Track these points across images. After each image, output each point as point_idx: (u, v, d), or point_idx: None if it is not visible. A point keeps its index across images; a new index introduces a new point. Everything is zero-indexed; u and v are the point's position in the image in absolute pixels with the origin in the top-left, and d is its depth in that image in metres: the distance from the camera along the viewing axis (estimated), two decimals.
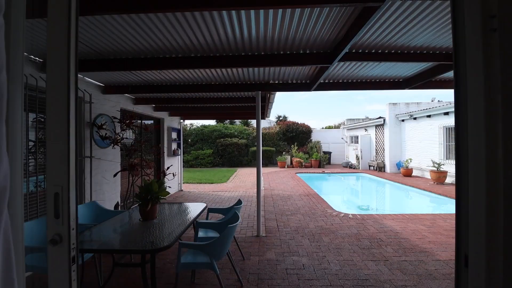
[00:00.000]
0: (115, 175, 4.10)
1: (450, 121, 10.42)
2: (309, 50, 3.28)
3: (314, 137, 20.94)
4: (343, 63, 3.77)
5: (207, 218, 3.76)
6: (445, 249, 3.94)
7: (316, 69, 4.02)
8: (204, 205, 3.72)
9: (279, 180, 11.59)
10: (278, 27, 2.71)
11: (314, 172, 14.74)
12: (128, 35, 2.82)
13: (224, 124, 23.00)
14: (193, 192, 8.75)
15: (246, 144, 19.37)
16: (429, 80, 4.66)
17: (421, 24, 2.75)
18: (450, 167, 10.29)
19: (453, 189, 8.72)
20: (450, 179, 10.23)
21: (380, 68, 4.20)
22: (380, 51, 3.33)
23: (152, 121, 7.80)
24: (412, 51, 3.34)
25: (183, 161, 18.73)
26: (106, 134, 4.30)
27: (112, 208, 4.76)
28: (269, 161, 19.45)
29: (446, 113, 10.55)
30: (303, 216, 5.76)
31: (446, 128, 10.79)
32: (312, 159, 17.62)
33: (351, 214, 5.78)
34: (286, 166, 17.68)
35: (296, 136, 20.30)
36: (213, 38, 2.92)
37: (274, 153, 19.57)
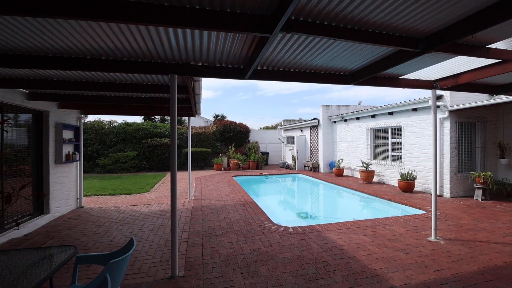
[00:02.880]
0: None
1: (376, 123, 11.04)
2: (240, 9, 2.20)
3: (252, 138, 20.38)
4: (285, 40, 2.85)
5: (74, 274, 2.27)
6: (395, 268, 3.44)
7: (252, 45, 2.98)
8: (70, 250, 2.25)
9: (213, 186, 10.33)
10: None
11: (252, 175, 14.02)
12: None
13: (153, 122, 20.29)
14: (97, 209, 6.71)
15: (179, 145, 17.39)
16: (374, 76, 4.21)
17: None
18: (376, 166, 10.89)
19: (380, 189, 9.08)
20: (377, 178, 10.83)
21: (325, 57, 3.46)
22: (334, 24, 2.50)
23: (30, 115, 5.56)
24: (370, 29, 2.62)
25: (99, 166, 15.56)
26: None
27: None
28: (205, 163, 17.93)
29: (373, 116, 11.15)
30: (236, 235, 4.69)
31: (373, 130, 11.43)
32: (250, 160, 16.94)
33: (292, 228, 5.01)
34: (223, 169, 16.50)
35: (234, 136, 19.32)
36: None
37: (210, 154, 18.15)
